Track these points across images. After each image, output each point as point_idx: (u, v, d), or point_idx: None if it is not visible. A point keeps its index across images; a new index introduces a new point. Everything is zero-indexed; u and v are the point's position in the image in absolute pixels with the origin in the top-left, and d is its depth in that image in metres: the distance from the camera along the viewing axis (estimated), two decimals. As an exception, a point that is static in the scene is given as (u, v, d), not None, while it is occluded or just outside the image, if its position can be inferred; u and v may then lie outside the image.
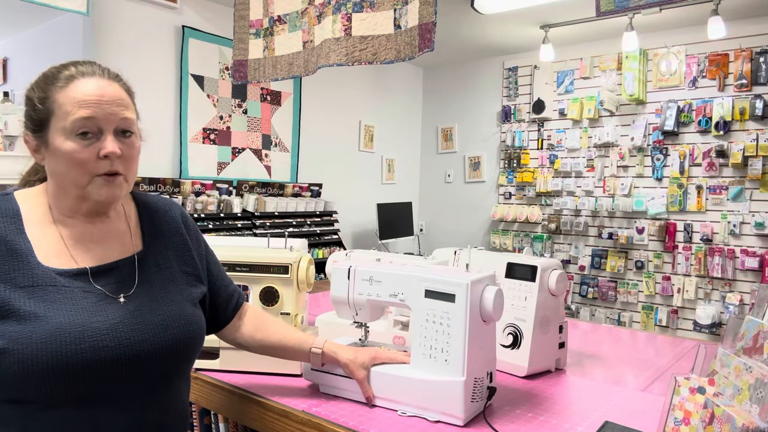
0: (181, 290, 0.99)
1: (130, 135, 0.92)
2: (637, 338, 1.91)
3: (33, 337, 0.79)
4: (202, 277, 1.06)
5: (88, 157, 0.87)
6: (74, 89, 0.87)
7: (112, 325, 0.85)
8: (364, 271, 1.18)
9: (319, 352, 1.13)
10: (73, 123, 0.86)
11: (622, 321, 4.52)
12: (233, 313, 1.13)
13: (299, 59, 2.64)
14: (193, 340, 0.96)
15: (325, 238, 4.47)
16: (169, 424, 0.94)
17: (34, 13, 3.72)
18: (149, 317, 0.90)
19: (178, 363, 0.95)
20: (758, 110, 3.86)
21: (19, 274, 0.83)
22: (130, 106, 0.93)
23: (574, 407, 1.15)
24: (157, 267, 0.97)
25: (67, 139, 0.87)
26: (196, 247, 1.07)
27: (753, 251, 3.94)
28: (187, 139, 3.88)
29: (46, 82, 0.90)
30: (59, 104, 0.87)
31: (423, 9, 2.09)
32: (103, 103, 0.88)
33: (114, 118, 0.89)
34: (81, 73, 0.89)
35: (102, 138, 0.88)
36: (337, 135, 5.09)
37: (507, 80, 5.25)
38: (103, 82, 0.90)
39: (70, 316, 0.82)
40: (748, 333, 0.86)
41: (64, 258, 0.88)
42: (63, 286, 0.85)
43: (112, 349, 0.83)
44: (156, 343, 0.89)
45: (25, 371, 0.78)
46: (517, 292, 1.35)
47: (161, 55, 3.73)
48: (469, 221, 5.53)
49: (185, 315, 0.96)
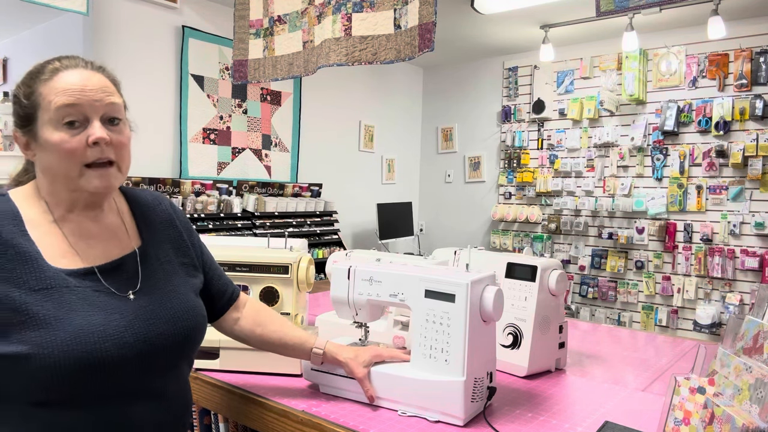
0: (184, 282, 1.01)
1: (118, 122, 0.92)
2: (637, 338, 1.91)
3: (57, 341, 0.79)
4: (198, 267, 1.07)
5: (77, 146, 0.87)
6: (58, 80, 0.88)
7: (129, 322, 0.87)
8: (364, 271, 1.18)
9: (321, 353, 1.13)
10: (58, 111, 0.86)
11: (622, 321, 4.52)
12: (228, 304, 1.14)
13: (299, 59, 2.64)
14: (200, 329, 1.00)
15: (325, 238, 4.47)
16: (181, 407, 0.99)
17: (34, 13, 3.72)
18: (160, 311, 0.92)
19: (187, 352, 0.98)
20: (758, 110, 3.86)
21: (31, 278, 0.83)
22: (115, 94, 0.93)
23: (574, 407, 1.15)
24: (158, 261, 0.99)
25: (55, 130, 0.87)
26: (189, 238, 1.08)
27: (753, 251, 3.94)
28: (187, 139, 3.88)
29: (31, 78, 0.90)
30: (44, 96, 0.88)
31: (423, 9, 2.09)
32: (87, 91, 0.88)
33: (99, 104, 0.89)
34: (65, 66, 0.90)
35: (89, 126, 0.88)
36: (337, 135, 5.09)
37: (507, 80, 5.25)
38: (86, 73, 0.90)
39: (89, 317, 0.83)
40: (748, 333, 0.86)
41: (70, 258, 0.89)
42: (75, 287, 0.86)
43: (132, 345, 0.85)
44: (169, 336, 0.91)
45: (52, 375, 0.79)
46: (517, 292, 1.35)
47: (161, 55, 3.73)
48: (469, 221, 5.53)
49: (191, 306, 0.98)
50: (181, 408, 0.99)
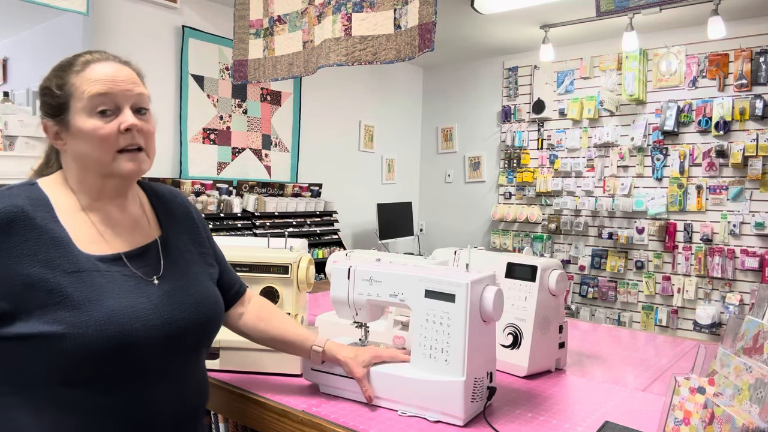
0: (203, 271, 1.06)
1: (145, 112, 0.97)
2: (637, 338, 1.91)
3: (90, 322, 0.84)
4: (214, 258, 1.13)
5: (110, 132, 0.91)
6: (90, 71, 0.93)
7: (155, 305, 0.91)
8: (364, 271, 1.18)
9: (320, 351, 1.13)
10: (91, 100, 0.91)
11: (622, 321, 4.52)
12: (235, 298, 1.17)
13: (299, 59, 2.64)
14: (219, 315, 1.05)
15: (325, 238, 4.47)
16: (200, 391, 1.03)
17: (34, 13, 3.72)
18: (183, 297, 0.97)
19: (207, 337, 1.03)
20: (758, 110, 3.86)
21: (65, 261, 0.87)
22: (142, 85, 0.99)
23: (574, 407, 1.15)
24: (179, 250, 1.04)
25: (88, 117, 0.91)
26: (204, 231, 1.14)
27: (753, 251, 3.94)
28: (187, 139, 3.89)
29: (62, 70, 0.94)
30: (77, 86, 0.92)
31: (423, 9, 2.09)
32: (119, 81, 0.93)
33: (130, 94, 0.94)
34: (96, 59, 0.95)
35: (121, 114, 0.93)
36: (337, 135, 5.09)
37: (507, 80, 5.25)
38: (116, 65, 0.96)
39: (119, 299, 0.88)
40: (748, 333, 0.86)
41: (99, 244, 0.93)
42: (105, 272, 0.90)
43: (159, 327, 0.90)
44: (192, 320, 0.96)
45: (86, 354, 0.83)
46: (517, 292, 1.35)
47: (161, 55, 3.73)
48: (469, 221, 5.53)
49: (211, 294, 1.04)
50: (200, 395, 1.02)
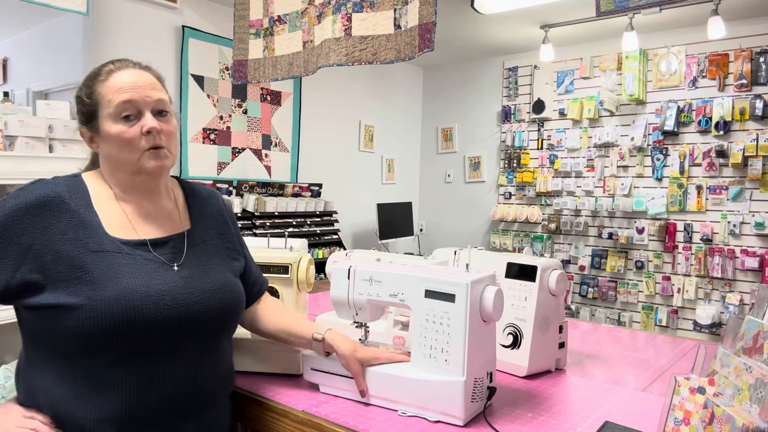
0: (225, 262, 1.13)
1: (166, 114, 1.06)
2: (637, 338, 1.91)
3: (105, 296, 0.92)
4: (241, 254, 1.19)
5: (134, 136, 1.01)
6: (113, 80, 1.02)
7: (170, 288, 0.98)
8: (364, 271, 1.18)
9: (320, 338, 1.15)
10: (116, 107, 1.01)
11: (622, 321, 4.52)
12: (257, 296, 1.23)
13: (299, 59, 2.64)
14: (237, 305, 1.11)
15: (325, 238, 4.47)
16: (218, 379, 1.07)
17: (34, 13, 3.72)
18: (200, 283, 1.03)
19: (224, 325, 1.09)
20: (758, 110, 3.86)
21: (90, 241, 0.97)
22: (162, 90, 1.07)
23: (574, 407, 1.15)
24: (203, 242, 1.12)
25: (114, 123, 1.01)
26: (234, 230, 1.22)
27: (753, 251, 3.94)
28: (187, 139, 3.89)
29: (90, 80, 1.05)
30: (103, 95, 1.02)
31: (423, 9, 2.09)
32: (139, 87, 1.03)
33: (150, 99, 1.03)
34: (118, 68, 1.05)
35: (142, 117, 1.02)
36: (337, 135, 5.08)
37: (507, 80, 5.25)
38: (136, 72, 1.05)
39: (135, 279, 0.96)
40: (748, 333, 0.86)
41: (127, 230, 1.02)
42: (127, 254, 0.99)
43: (171, 308, 0.97)
44: (207, 306, 1.02)
45: (98, 324, 0.91)
46: (517, 292, 1.35)
47: (161, 55, 3.73)
48: (469, 221, 5.53)
49: (230, 284, 1.09)
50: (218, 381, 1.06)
